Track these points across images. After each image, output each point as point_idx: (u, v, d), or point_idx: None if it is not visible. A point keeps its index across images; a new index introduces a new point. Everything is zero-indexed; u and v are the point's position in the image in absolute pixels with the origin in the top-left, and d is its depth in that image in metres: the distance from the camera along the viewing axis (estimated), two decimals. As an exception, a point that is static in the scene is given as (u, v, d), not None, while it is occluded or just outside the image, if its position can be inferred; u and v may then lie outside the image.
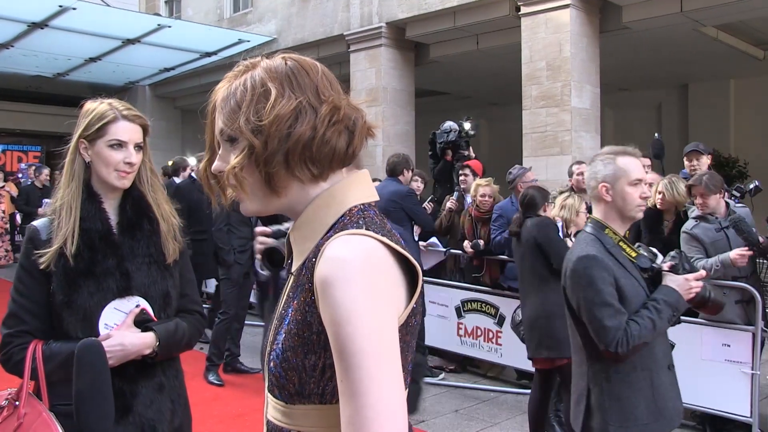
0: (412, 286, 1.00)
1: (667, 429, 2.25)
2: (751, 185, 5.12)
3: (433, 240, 6.18)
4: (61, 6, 10.07)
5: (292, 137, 0.99)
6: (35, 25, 11.00)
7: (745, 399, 4.12)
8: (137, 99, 15.23)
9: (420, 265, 1.05)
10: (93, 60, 13.00)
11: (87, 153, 1.86)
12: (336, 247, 0.95)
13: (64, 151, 1.90)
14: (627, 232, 2.55)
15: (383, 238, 0.98)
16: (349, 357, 0.89)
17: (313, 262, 0.99)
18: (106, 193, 1.89)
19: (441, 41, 10.30)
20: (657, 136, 6.02)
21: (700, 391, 4.14)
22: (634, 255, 2.28)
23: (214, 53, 12.64)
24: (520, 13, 8.57)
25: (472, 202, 5.68)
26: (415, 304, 1.01)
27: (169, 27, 11.38)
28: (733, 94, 12.93)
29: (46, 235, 1.82)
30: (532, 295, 4.01)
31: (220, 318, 5.53)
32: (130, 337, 1.80)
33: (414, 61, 10.86)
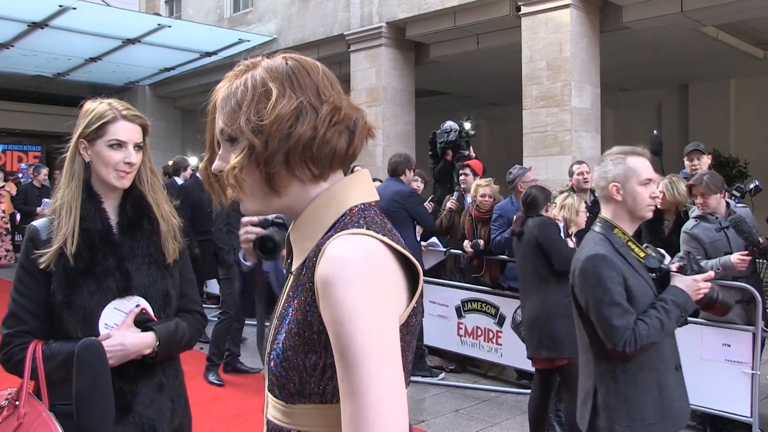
0: (412, 285, 1.00)
1: (674, 429, 2.25)
2: (751, 185, 5.12)
3: (433, 240, 6.18)
4: (61, 6, 10.06)
5: (293, 137, 0.99)
6: (35, 25, 10.99)
7: (745, 399, 4.12)
8: (137, 99, 15.22)
9: (421, 264, 1.05)
10: (93, 60, 12.99)
11: (87, 153, 1.86)
12: (337, 247, 0.94)
13: (63, 151, 1.90)
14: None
15: (384, 238, 0.97)
16: (349, 356, 0.89)
17: (313, 261, 0.99)
18: (106, 193, 1.89)
19: (441, 41, 10.29)
20: (655, 132, 6.01)
21: (700, 391, 4.12)
22: (642, 255, 2.28)
23: (214, 53, 12.63)
24: (520, 13, 8.56)
25: (472, 202, 5.68)
26: (416, 304, 1.01)
27: (169, 27, 11.37)
28: (733, 94, 12.92)
29: (46, 235, 1.82)
30: (532, 294, 4.00)
31: (220, 318, 5.53)
32: (130, 336, 1.80)
33: (414, 61, 10.85)
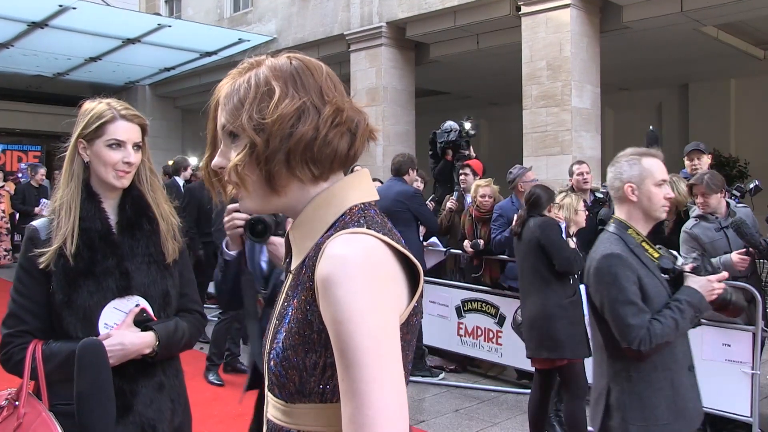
0: (413, 284, 1.00)
1: (688, 430, 2.25)
2: (751, 185, 5.13)
3: (433, 240, 6.18)
4: (61, 6, 10.06)
5: (294, 137, 0.99)
6: (35, 25, 10.99)
7: (745, 399, 4.12)
8: (137, 99, 15.23)
9: (424, 264, 1.05)
10: (93, 60, 12.99)
11: (86, 153, 1.86)
12: (337, 246, 0.94)
13: (63, 151, 1.89)
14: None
15: (384, 237, 0.97)
16: (350, 355, 0.89)
17: (313, 260, 0.99)
18: (105, 193, 1.89)
19: (441, 41, 10.29)
20: (651, 128, 6.02)
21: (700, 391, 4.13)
22: (656, 256, 2.29)
23: (215, 53, 12.63)
24: (520, 12, 8.56)
25: (472, 202, 5.68)
26: (416, 303, 1.00)
27: (170, 26, 11.38)
28: (734, 94, 12.93)
29: (46, 235, 1.82)
30: (532, 294, 4.00)
31: (220, 318, 5.53)
32: (130, 336, 1.79)
33: (414, 61, 10.85)
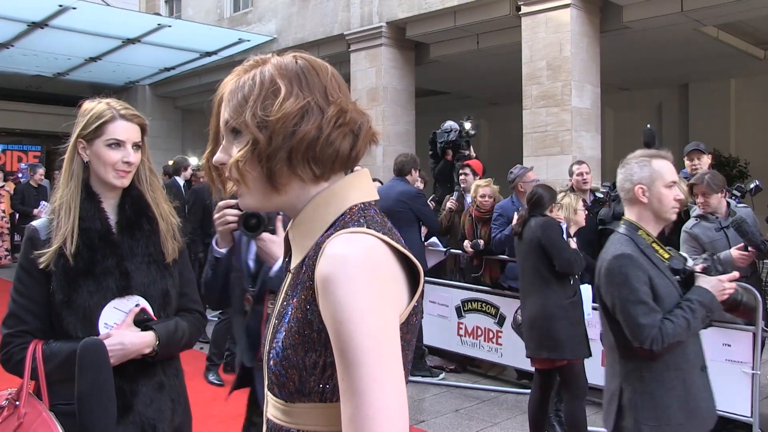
0: (413, 284, 1.00)
1: (701, 430, 2.25)
2: (751, 185, 5.13)
3: (433, 240, 6.18)
4: (61, 6, 10.06)
5: (297, 135, 0.99)
6: (35, 25, 10.98)
7: (745, 399, 4.11)
8: (137, 99, 15.22)
9: (424, 264, 1.05)
10: (93, 60, 12.99)
11: (85, 153, 1.86)
12: (337, 245, 0.94)
13: (62, 151, 1.89)
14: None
15: (384, 237, 0.97)
16: (349, 355, 0.89)
17: (313, 259, 0.98)
18: (104, 193, 1.89)
19: (441, 41, 10.29)
20: (648, 126, 6.01)
21: (700, 391, 4.13)
22: (667, 256, 2.30)
23: (215, 53, 12.63)
24: (520, 12, 8.56)
25: (472, 202, 5.68)
26: (416, 303, 1.00)
27: (170, 26, 11.37)
28: (734, 94, 12.93)
29: (46, 235, 1.82)
30: (533, 294, 4.00)
31: (220, 318, 5.53)
32: (130, 336, 1.79)
33: (414, 61, 10.84)
